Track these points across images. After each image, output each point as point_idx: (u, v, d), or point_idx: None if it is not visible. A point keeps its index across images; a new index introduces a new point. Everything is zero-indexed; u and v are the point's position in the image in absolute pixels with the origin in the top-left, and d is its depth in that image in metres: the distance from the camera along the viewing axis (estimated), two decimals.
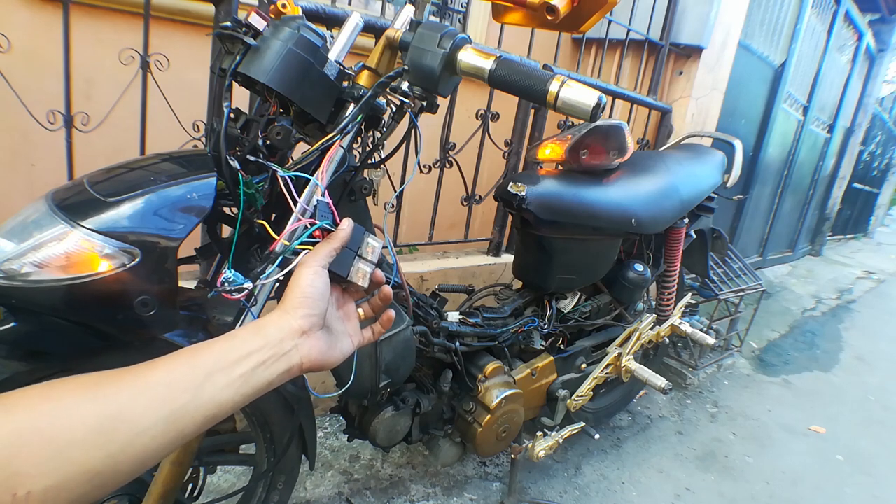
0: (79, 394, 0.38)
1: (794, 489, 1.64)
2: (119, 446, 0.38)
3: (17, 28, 1.34)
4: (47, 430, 0.36)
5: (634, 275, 1.39)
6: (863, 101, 5.21)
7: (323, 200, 0.61)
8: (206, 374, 0.42)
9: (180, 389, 0.41)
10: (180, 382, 0.41)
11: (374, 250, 0.61)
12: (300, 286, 0.51)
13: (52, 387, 0.39)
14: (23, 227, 0.59)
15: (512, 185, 1.11)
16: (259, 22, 0.64)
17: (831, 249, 6.29)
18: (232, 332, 0.47)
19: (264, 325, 0.48)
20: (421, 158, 0.89)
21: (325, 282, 0.53)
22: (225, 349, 0.45)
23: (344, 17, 1.14)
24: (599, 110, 0.63)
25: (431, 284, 1.63)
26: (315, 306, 0.50)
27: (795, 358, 2.76)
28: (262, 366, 0.45)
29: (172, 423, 0.40)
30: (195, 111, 1.24)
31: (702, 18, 2.27)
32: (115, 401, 0.39)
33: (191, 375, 0.42)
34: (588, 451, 1.66)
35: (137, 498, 0.79)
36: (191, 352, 0.44)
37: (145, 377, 0.41)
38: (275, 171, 0.64)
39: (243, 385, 0.44)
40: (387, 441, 1.06)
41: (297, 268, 0.53)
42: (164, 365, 0.42)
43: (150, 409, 0.39)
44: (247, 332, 0.47)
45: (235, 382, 0.43)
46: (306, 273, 0.52)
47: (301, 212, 0.65)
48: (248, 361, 0.45)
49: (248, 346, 0.46)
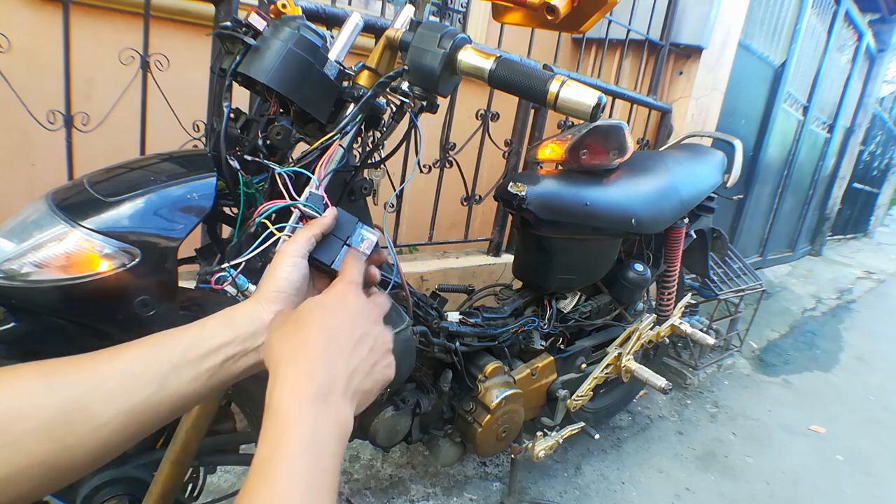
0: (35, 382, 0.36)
1: (794, 489, 1.64)
2: (76, 438, 0.36)
3: (17, 28, 1.34)
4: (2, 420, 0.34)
5: (634, 275, 1.39)
6: (863, 101, 5.21)
7: (317, 193, 0.59)
8: (172, 367, 0.40)
9: (144, 381, 0.39)
10: (144, 374, 0.39)
11: (369, 243, 0.58)
12: (275, 277, 0.49)
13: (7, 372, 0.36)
14: (23, 227, 0.59)
15: (512, 185, 1.11)
16: (259, 22, 0.64)
17: (831, 249, 6.29)
18: (202, 322, 0.45)
19: (235, 316, 0.46)
20: (421, 158, 0.89)
21: (303, 274, 0.50)
22: (193, 340, 0.42)
23: (344, 17, 1.14)
24: (599, 110, 0.63)
25: (431, 284, 1.63)
26: (289, 301, 0.48)
27: (795, 358, 2.76)
28: (230, 360, 0.43)
29: (134, 417, 0.38)
30: (195, 111, 1.24)
31: (702, 18, 2.27)
32: (74, 391, 0.37)
33: (155, 367, 0.40)
34: (588, 451, 1.66)
35: (137, 498, 0.79)
36: (156, 340, 0.42)
37: (107, 367, 0.39)
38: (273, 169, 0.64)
39: (210, 378, 0.42)
40: (387, 441, 1.06)
41: (276, 255, 0.51)
42: (128, 354, 0.40)
43: (111, 400, 0.37)
44: (217, 322, 0.45)
45: (202, 376, 0.42)
46: (284, 263, 0.49)
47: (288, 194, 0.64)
48: (216, 355, 0.43)
49: (217, 338, 0.43)
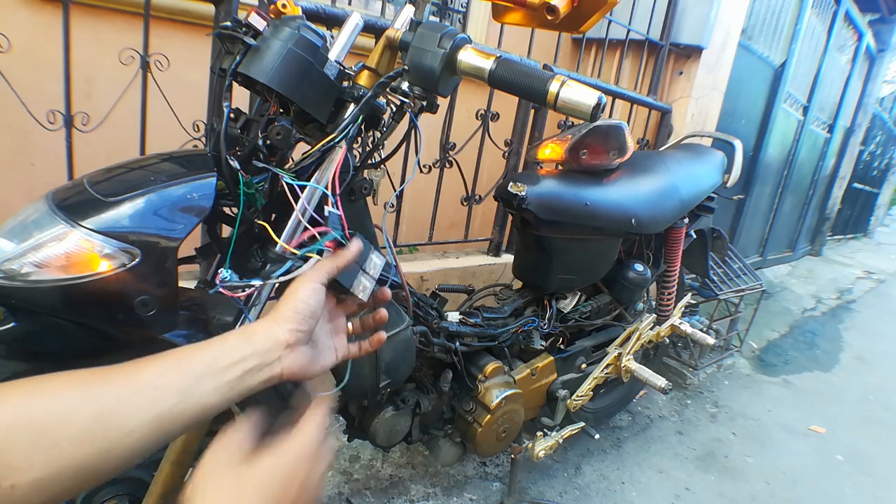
0: (73, 389, 0.39)
1: (794, 489, 1.64)
2: (108, 444, 0.38)
3: (17, 28, 1.34)
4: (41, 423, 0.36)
5: (634, 275, 1.39)
6: (863, 101, 5.21)
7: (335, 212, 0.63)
8: (196, 379, 0.43)
9: (170, 392, 0.42)
10: (170, 385, 0.42)
11: (375, 266, 0.62)
12: (295, 300, 0.52)
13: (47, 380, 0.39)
14: (23, 227, 0.59)
15: (512, 185, 1.11)
16: (259, 22, 0.64)
17: (831, 249, 6.29)
18: (223, 337, 0.48)
19: (254, 333, 0.49)
20: (421, 158, 0.89)
21: (320, 299, 0.54)
22: (215, 354, 0.46)
23: (344, 17, 1.14)
24: (599, 110, 0.63)
25: (431, 284, 1.63)
26: (304, 323, 0.52)
27: (795, 358, 2.76)
28: (248, 373, 0.47)
29: (159, 425, 0.41)
30: (195, 111, 1.24)
31: (702, 18, 2.27)
32: (108, 400, 0.39)
33: (181, 379, 0.43)
34: (588, 451, 1.66)
35: (137, 498, 0.79)
36: (181, 354, 0.45)
37: (137, 377, 0.41)
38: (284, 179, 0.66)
39: (229, 391, 0.45)
40: (387, 441, 1.06)
41: (298, 279, 0.54)
42: (155, 366, 0.43)
43: (140, 409, 0.40)
44: (237, 338, 0.48)
45: (222, 388, 0.45)
46: (304, 288, 0.53)
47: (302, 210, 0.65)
48: (236, 368, 0.46)
49: (237, 352, 0.47)
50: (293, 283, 0.54)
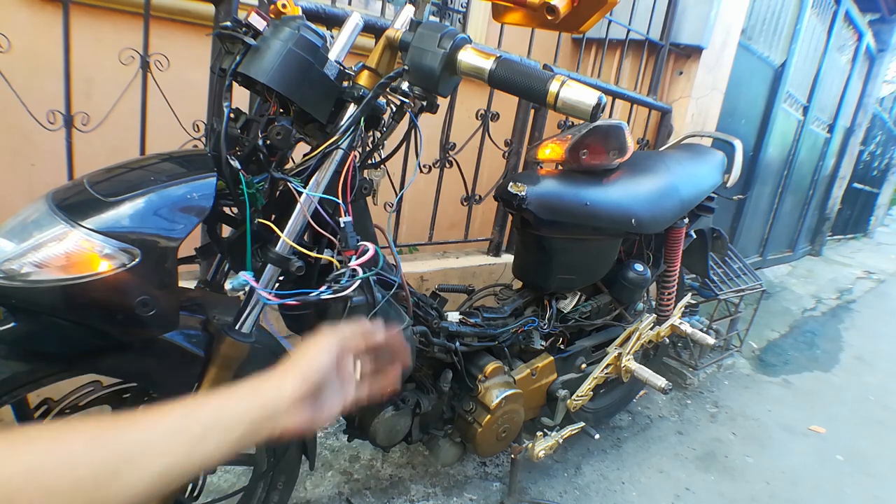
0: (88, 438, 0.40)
1: (794, 489, 1.64)
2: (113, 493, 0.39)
3: (17, 28, 1.34)
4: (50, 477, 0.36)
5: (634, 275, 1.39)
6: (863, 101, 5.21)
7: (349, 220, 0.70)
8: (203, 433, 0.44)
9: (179, 443, 0.43)
10: (179, 437, 0.43)
11: None
12: (307, 360, 0.53)
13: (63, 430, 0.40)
14: (23, 227, 0.59)
15: (512, 185, 1.11)
16: (259, 22, 0.64)
17: (831, 249, 6.29)
18: (233, 390, 0.49)
19: (262, 388, 0.50)
20: (421, 158, 0.89)
21: (332, 360, 0.54)
22: (223, 410, 0.47)
23: (344, 17, 1.14)
24: (599, 110, 0.63)
25: (431, 284, 1.63)
26: (312, 385, 0.52)
27: (795, 358, 2.77)
28: (252, 426, 0.47)
29: (168, 473, 0.42)
30: (195, 111, 1.24)
31: (702, 18, 2.27)
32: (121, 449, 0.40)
33: (189, 432, 0.44)
34: (588, 451, 1.66)
35: None
36: (192, 405, 0.46)
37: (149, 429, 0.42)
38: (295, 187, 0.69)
39: (234, 444, 0.46)
40: (387, 441, 1.06)
41: (319, 339, 0.55)
42: (168, 417, 0.44)
43: (152, 458, 0.41)
44: (247, 392, 0.49)
45: (224, 445, 0.45)
46: (318, 348, 0.54)
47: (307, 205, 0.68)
48: (242, 425, 0.46)
49: (245, 407, 0.48)
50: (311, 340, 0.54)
